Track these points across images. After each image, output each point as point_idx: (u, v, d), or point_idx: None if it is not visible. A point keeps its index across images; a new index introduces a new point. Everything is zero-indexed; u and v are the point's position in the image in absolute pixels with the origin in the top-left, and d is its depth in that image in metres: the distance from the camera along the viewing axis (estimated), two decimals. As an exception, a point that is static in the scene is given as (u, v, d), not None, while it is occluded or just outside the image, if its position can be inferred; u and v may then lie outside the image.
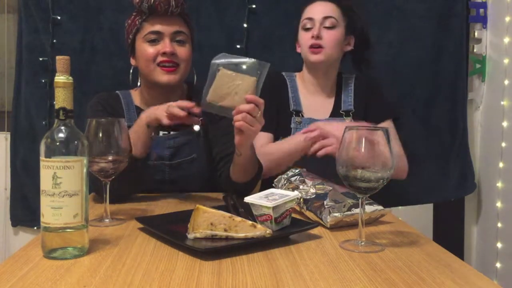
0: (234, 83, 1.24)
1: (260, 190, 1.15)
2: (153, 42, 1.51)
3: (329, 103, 1.74)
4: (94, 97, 1.62)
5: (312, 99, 1.73)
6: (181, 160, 1.56)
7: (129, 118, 1.57)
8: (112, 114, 1.54)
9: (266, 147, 1.60)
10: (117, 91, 1.64)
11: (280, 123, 1.68)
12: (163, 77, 1.51)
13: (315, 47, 1.64)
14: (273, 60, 2.01)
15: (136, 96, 1.64)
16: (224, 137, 1.55)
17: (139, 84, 1.62)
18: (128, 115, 1.58)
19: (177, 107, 1.27)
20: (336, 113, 1.71)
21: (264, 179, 1.54)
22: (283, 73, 1.77)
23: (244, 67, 1.25)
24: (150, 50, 1.51)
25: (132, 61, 1.60)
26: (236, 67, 1.25)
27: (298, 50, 1.74)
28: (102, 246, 0.98)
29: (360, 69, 1.79)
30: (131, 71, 1.62)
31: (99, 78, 2.03)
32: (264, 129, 1.53)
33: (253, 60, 1.26)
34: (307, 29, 1.67)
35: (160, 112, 1.31)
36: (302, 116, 1.70)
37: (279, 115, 1.68)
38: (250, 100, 1.23)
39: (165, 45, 1.50)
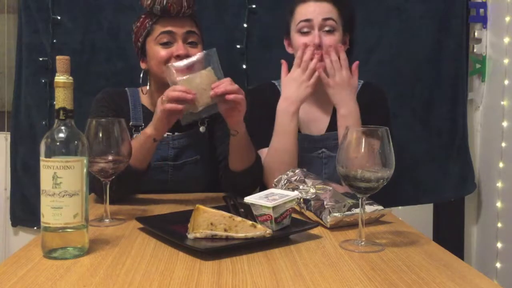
0: (196, 83, 1.27)
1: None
2: (165, 44, 1.49)
3: (326, 115, 1.60)
4: (101, 91, 1.62)
5: (307, 109, 1.58)
6: (184, 161, 1.56)
7: (135, 117, 1.56)
8: (116, 111, 1.54)
9: (265, 156, 1.52)
10: (126, 88, 1.64)
11: None
12: None
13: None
14: (273, 60, 2.02)
15: (144, 96, 1.61)
16: (227, 138, 1.53)
17: (148, 87, 1.60)
18: (134, 113, 1.57)
19: (172, 100, 1.25)
20: (333, 127, 1.54)
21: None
22: (275, 83, 1.64)
23: (195, 65, 1.31)
24: (163, 53, 1.48)
25: (142, 65, 1.58)
26: (188, 70, 1.30)
27: (289, 50, 1.60)
28: (102, 246, 0.98)
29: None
30: (141, 75, 1.59)
31: (99, 78, 2.03)
32: (266, 145, 1.52)
33: (198, 55, 1.33)
34: (304, 33, 1.52)
35: (159, 121, 1.29)
36: (299, 131, 1.55)
37: None
38: (216, 86, 1.27)
39: (179, 48, 1.47)
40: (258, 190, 1.38)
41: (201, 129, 1.58)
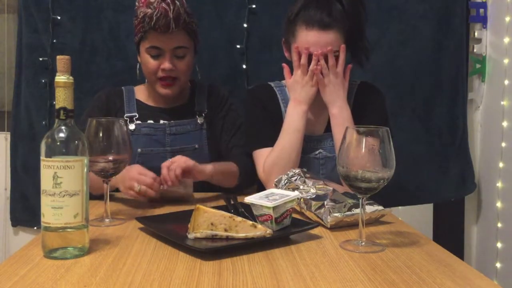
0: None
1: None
2: (154, 56, 1.55)
3: (324, 116, 1.58)
4: (101, 90, 1.69)
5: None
6: (183, 147, 1.61)
7: (129, 109, 1.64)
8: (107, 111, 1.60)
9: (268, 156, 1.50)
10: (122, 87, 1.69)
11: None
12: (162, 90, 1.59)
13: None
14: (273, 60, 2.02)
15: (140, 91, 1.69)
16: (228, 131, 1.67)
17: (147, 80, 1.68)
18: (128, 107, 1.64)
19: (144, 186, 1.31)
20: (331, 128, 1.52)
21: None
22: (272, 84, 1.64)
23: None
24: (152, 63, 1.56)
25: (139, 58, 1.64)
26: None
27: (288, 56, 1.57)
28: (103, 246, 0.98)
29: (360, 60, 1.58)
30: (138, 66, 1.67)
31: (99, 78, 2.03)
32: (264, 145, 1.53)
33: None
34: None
35: (124, 189, 1.34)
36: None
37: (276, 128, 1.52)
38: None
39: (165, 62, 1.54)
40: (257, 190, 1.39)
41: (199, 120, 1.65)
